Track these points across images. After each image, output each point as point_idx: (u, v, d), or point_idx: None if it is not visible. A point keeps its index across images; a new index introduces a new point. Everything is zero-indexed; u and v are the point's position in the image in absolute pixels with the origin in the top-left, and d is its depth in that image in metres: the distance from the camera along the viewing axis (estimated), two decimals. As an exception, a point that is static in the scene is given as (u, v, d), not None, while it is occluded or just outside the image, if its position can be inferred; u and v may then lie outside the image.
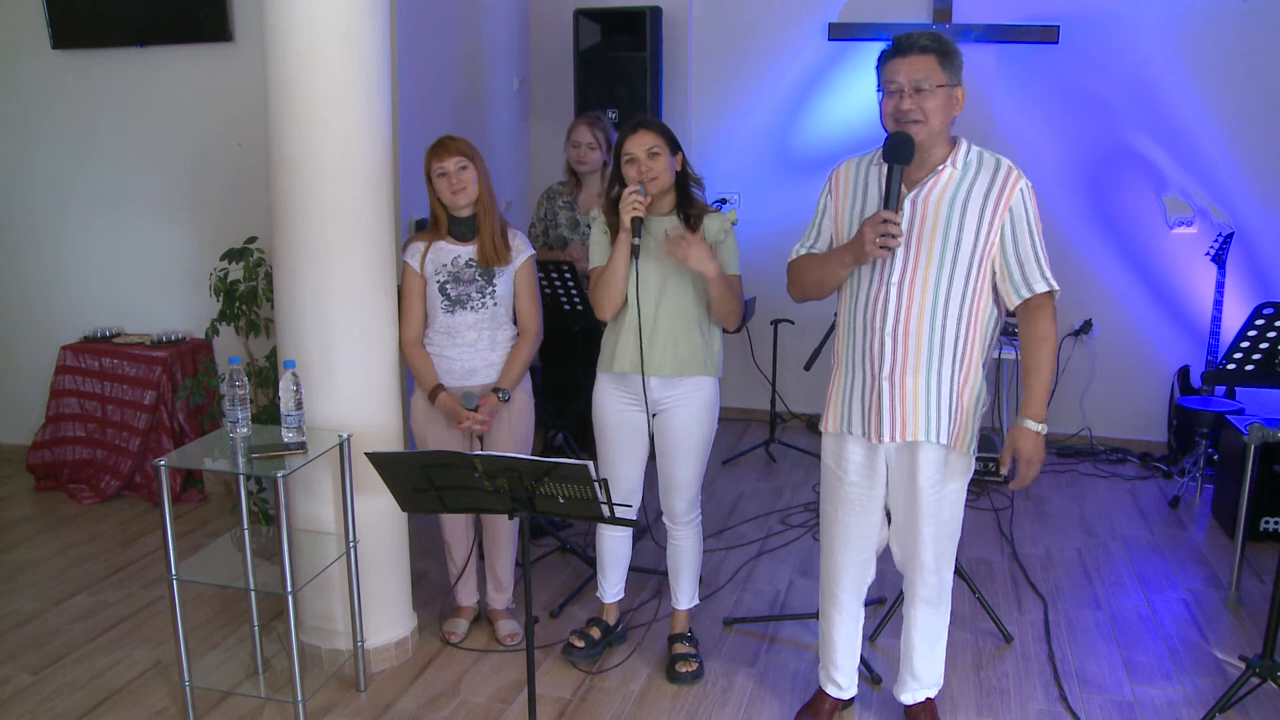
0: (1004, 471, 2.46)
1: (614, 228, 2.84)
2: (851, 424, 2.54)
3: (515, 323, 3.17)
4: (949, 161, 2.37)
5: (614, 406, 2.94)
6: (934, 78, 2.30)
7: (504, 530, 3.24)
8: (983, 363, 2.47)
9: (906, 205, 2.38)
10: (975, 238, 2.36)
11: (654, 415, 2.95)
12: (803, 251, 2.61)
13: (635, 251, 2.77)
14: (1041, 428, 2.40)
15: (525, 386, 3.18)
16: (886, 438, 2.47)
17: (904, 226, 2.37)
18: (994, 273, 2.40)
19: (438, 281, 3.05)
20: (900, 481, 2.55)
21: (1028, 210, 2.36)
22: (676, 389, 2.89)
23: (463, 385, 3.07)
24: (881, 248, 2.32)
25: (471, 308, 3.06)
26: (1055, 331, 2.41)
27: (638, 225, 2.76)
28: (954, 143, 2.40)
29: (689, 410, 2.90)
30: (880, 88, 2.38)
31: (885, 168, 2.35)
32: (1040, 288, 2.36)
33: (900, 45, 2.33)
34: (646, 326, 2.84)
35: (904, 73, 2.31)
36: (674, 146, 2.83)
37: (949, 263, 2.37)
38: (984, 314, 2.43)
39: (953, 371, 2.42)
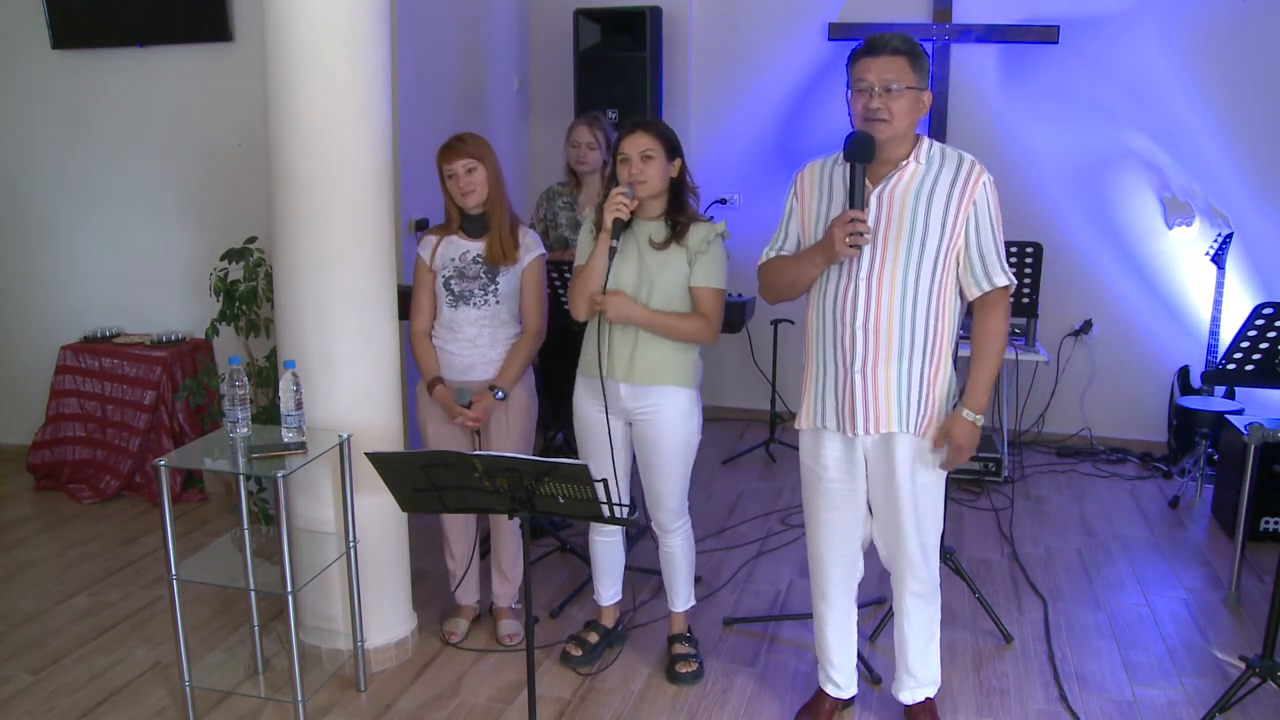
0: (936, 451, 2.51)
1: (600, 227, 2.83)
2: (826, 418, 2.56)
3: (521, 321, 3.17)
4: (912, 157, 2.40)
5: (587, 411, 2.93)
6: (904, 79, 2.34)
7: (509, 525, 3.24)
8: (952, 353, 2.51)
9: (872, 201, 2.41)
10: (940, 231, 2.39)
11: (630, 425, 2.93)
12: (772, 254, 2.64)
13: (612, 253, 2.74)
14: (979, 419, 2.46)
15: (527, 384, 3.18)
16: (860, 430, 2.50)
17: (870, 222, 2.40)
18: (957, 264, 2.44)
19: (443, 276, 3.07)
20: (878, 475, 2.57)
21: (990, 204, 2.40)
22: (648, 399, 2.85)
23: (461, 380, 3.08)
24: (851, 246, 2.35)
25: (474, 304, 3.06)
26: (1007, 328, 2.49)
27: (619, 227, 2.74)
28: (916, 139, 2.43)
29: (663, 423, 2.86)
30: (849, 85, 2.41)
31: (848, 167, 2.37)
32: (1000, 281, 2.42)
33: (873, 45, 2.37)
34: (617, 330, 2.82)
35: (874, 72, 2.34)
36: (672, 152, 2.79)
37: (916, 256, 2.40)
38: (950, 305, 2.47)
39: (923, 363, 2.45)
